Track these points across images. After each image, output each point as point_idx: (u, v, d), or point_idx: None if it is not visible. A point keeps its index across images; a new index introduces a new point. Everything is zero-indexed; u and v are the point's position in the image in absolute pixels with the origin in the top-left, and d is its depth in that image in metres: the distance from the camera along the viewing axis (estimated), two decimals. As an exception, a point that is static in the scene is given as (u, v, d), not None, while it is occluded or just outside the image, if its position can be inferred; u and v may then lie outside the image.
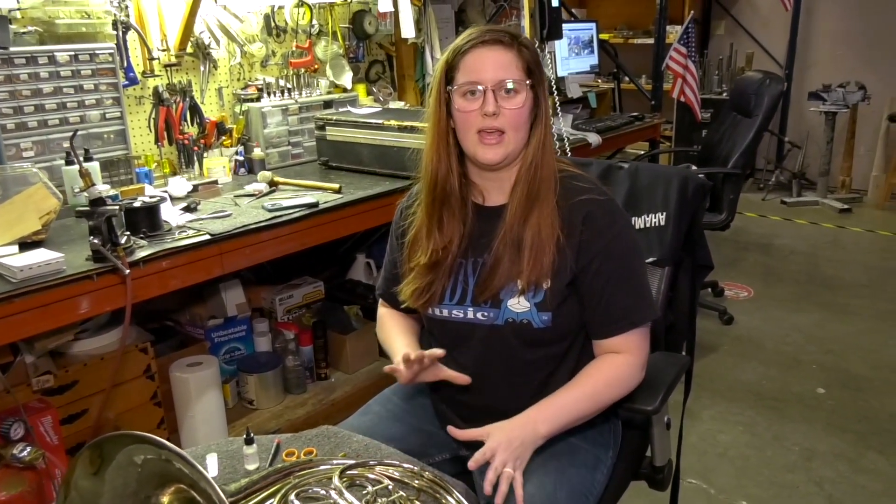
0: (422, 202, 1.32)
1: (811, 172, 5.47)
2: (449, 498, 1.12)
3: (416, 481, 1.16)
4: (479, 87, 1.19)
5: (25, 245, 1.82)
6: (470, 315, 1.28)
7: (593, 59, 3.65)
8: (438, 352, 1.24)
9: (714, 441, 2.50)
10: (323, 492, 1.09)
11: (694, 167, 3.57)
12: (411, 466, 1.18)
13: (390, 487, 1.12)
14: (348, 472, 1.15)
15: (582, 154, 3.16)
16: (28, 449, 1.65)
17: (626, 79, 4.36)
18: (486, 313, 1.26)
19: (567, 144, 2.96)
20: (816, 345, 3.17)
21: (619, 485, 1.41)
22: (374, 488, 1.12)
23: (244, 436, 1.30)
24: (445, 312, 1.30)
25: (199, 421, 2.31)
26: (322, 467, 1.15)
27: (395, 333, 1.40)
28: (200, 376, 2.29)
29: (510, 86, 1.19)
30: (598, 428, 1.35)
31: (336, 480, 1.10)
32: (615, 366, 1.26)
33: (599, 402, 1.25)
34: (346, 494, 1.07)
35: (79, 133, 2.17)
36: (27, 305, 1.61)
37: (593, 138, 3.30)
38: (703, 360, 3.05)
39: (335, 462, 1.18)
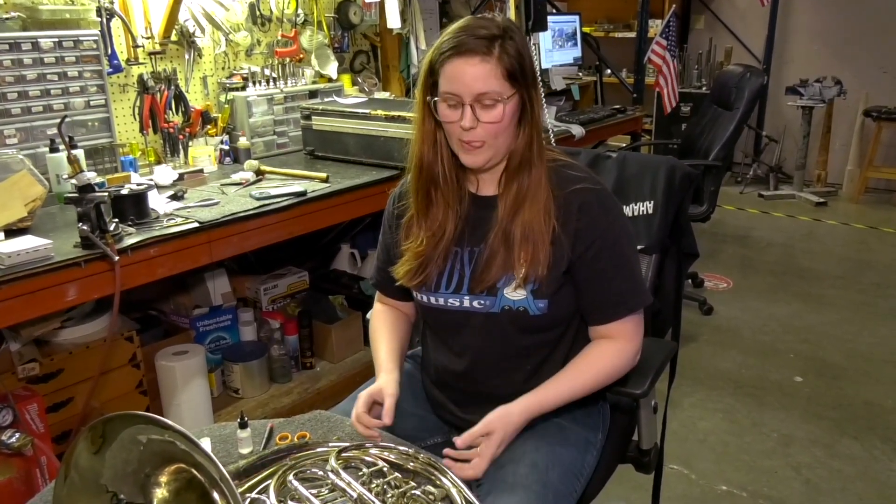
0: (411, 185, 1.32)
1: (788, 166, 5.57)
2: (443, 479, 1.14)
3: (411, 463, 1.17)
4: (458, 100, 1.18)
5: (11, 232, 1.81)
6: (466, 303, 1.29)
7: (576, 52, 3.68)
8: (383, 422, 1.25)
9: (694, 428, 2.55)
10: (320, 473, 1.11)
11: (675, 159, 3.62)
12: (406, 449, 1.20)
13: (385, 469, 1.14)
14: (344, 455, 1.16)
15: (565, 146, 3.19)
16: (17, 435, 1.65)
17: (609, 72, 4.40)
18: (482, 301, 1.28)
19: (552, 136, 2.98)
20: (793, 334, 3.23)
21: (608, 467, 1.44)
22: (370, 470, 1.13)
23: (237, 420, 1.31)
24: (441, 301, 1.32)
25: (184, 409, 2.30)
26: (318, 450, 1.17)
27: (381, 343, 1.40)
28: (186, 365, 2.29)
29: (487, 100, 1.17)
30: (588, 410, 1.38)
31: (333, 462, 1.11)
32: (611, 355, 1.28)
33: (591, 391, 1.28)
34: (343, 475, 1.09)
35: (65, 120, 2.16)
36: (15, 292, 1.60)
37: (577, 130, 3.33)
38: (683, 350, 3.09)
39: (331, 444, 1.19)
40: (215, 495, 0.84)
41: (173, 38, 2.53)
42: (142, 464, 0.89)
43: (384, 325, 1.43)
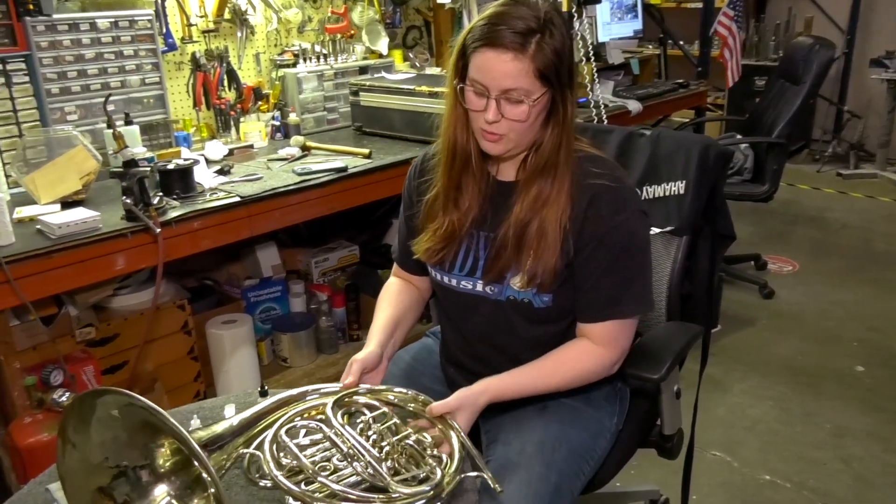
0: (441, 166, 1.30)
1: (870, 144, 5.24)
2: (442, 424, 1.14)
3: (411, 405, 1.18)
4: (485, 91, 1.15)
5: (67, 204, 1.92)
6: (479, 288, 1.29)
7: (637, 24, 3.56)
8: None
9: (742, 415, 2.47)
10: (313, 424, 1.11)
11: (739, 136, 3.47)
12: (403, 390, 1.19)
13: (387, 412, 1.14)
14: (346, 400, 1.17)
15: (621, 122, 3.10)
16: (67, 394, 1.76)
17: (674, 44, 4.24)
18: (492, 288, 1.28)
19: (604, 112, 2.91)
20: (860, 321, 3.07)
21: (625, 451, 1.42)
22: (372, 414, 1.14)
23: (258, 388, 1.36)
24: (454, 282, 1.32)
25: (233, 376, 2.41)
26: (309, 398, 1.18)
27: (379, 314, 1.40)
28: (234, 333, 2.39)
29: (514, 97, 1.13)
30: (605, 394, 1.36)
31: (329, 411, 1.11)
32: (587, 360, 1.25)
33: (556, 390, 1.26)
34: (336, 425, 1.08)
35: (120, 98, 2.26)
36: (65, 261, 1.70)
37: (633, 105, 3.24)
38: (738, 334, 3.00)
39: (327, 387, 1.20)
40: (195, 462, 0.88)
41: (226, 16, 2.59)
42: (132, 435, 0.94)
43: (387, 298, 1.43)
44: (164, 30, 2.42)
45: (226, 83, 2.60)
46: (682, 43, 4.50)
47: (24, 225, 1.79)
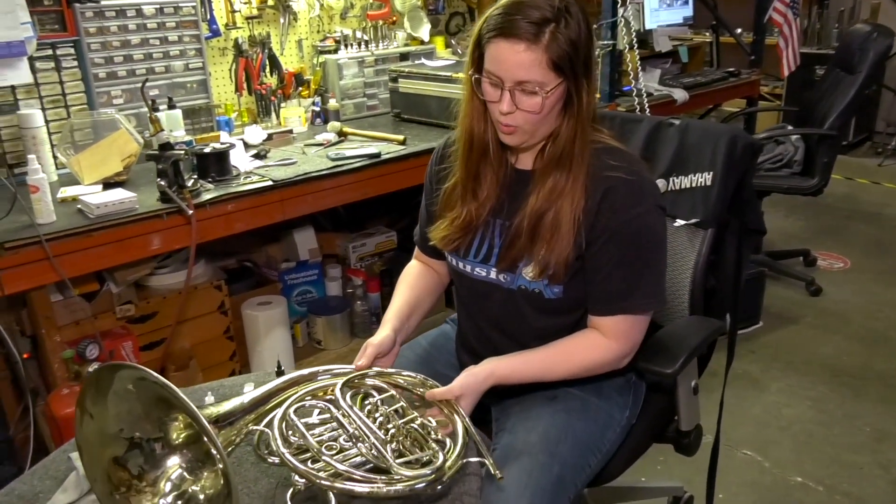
0: (459, 156, 1.31)
1: (938, 137, 5.00)
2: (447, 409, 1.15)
3: (420, 389, 1.19)
4: (499, 82, 1.14)
5: (109, 185, 2.00)
6: (492, 275, 1.29)
7: (687, 11, 3.46)
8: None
9: (778, 414, 2.41)
10: (322, 404, 1.14)
11: (790, 127, 3.36)
12: (411, 374, 1.21)
13: (395, 395, 1.16)
14: (356, 381, 1.19)
15: (666, 111, 3.04)
16: (102, 368, 1.83)
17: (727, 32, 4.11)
18: (505, 276, 1.28)
19: (646, 101, 2.85)
20: (911, 323, 2.95)
21: (638, 445, 1.41)
22: (381, 396, 1.16)
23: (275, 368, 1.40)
24: (468, 268, 1.33)
25: (266, 356, 2.47)
26: (321, 377, 1.20)
27: (396, 298, 1.42)
28: (268, 315, 2.44)
29: (528, 88, 1.12)
30: (617, 386, 1.35)
31: (338, 392, 1.13)
32: (596, 352, 1.24)
33: (562, 379, 1.26)
34: (344, 406, 1.10)
35: (164, 83, 2.33)
36: (103, 240, 1.77)
37: (679, 94, 3.17)
38: (780, 331, 2.92)
39: (338, 368, 1.22)
40: (204, 437, 0.91)
41: (269, 2, 2.64)
42: (147, 408, 0.98)
43: (406, 282, 1.46)
44: (209, 16, 2.47)
45: (267, 69, 2.65)
46: (738, 31, 4.36)
47: (67, 204, 1.88)
